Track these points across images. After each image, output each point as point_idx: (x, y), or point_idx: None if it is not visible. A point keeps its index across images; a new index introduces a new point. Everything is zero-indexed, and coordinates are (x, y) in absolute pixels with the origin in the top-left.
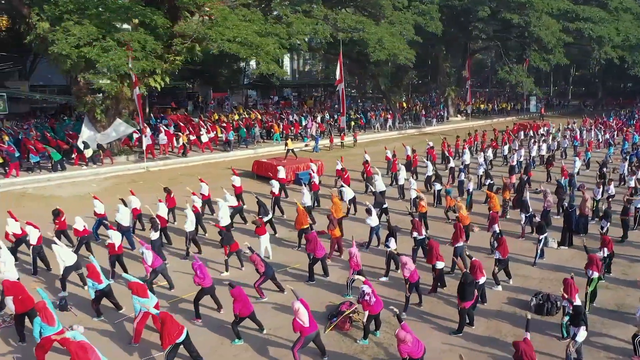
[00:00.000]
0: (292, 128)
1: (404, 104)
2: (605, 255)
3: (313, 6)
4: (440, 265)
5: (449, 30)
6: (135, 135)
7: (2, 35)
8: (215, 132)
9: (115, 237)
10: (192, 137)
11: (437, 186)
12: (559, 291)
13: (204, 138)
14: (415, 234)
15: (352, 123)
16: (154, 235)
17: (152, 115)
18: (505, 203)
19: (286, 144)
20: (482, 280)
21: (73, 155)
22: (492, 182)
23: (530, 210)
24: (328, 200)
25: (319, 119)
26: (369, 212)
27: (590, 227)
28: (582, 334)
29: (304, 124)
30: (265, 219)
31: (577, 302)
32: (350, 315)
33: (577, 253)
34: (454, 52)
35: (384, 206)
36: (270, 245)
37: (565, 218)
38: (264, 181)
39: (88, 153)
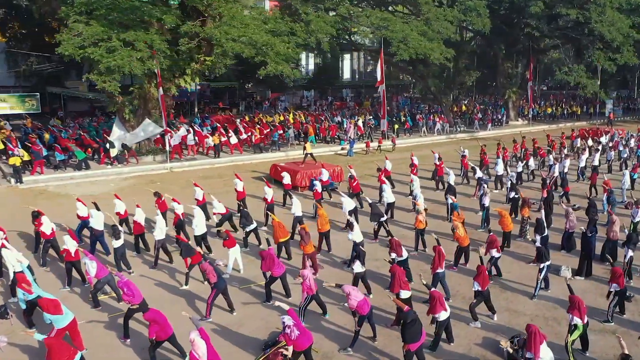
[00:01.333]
0: (329, 130)
1: (464, 107)
2: (615, 290)
3: (340, 4)
4: (405, 294)
5: (506, 29)
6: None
7: None
8: (249, 134)
9: (70, 244)
10: (224, 139)
11: (450, 199)
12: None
13: (233, 140)
14: (393, 255)
15: (396, 126)
16: (116, 243)
17: (198, 115)
18: (524, 221)
19: (304, 148)
20: (442, 316)
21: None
22: (517, 195)
23: (546, 231)
24: (333, 209)
25: (359, 121)
26: (350, 226)
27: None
28: None
29: (344, 126)
30: (248, 228)
31: (544, 354)
32: (286, 347)
33: (593, 285)
34: (519, 51)
35: (382, 219)
36: (241, 257)
37: (583, 244)
38: (281, 186)
39: (113, 152)
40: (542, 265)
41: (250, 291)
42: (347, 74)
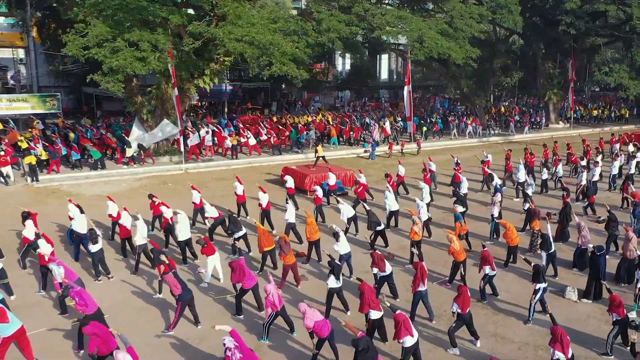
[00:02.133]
0: (353, 132)
1: (502, 108)
2: (615, 320)
3: (356, 2)
4: (375, 314)
5: (544, 27)
6: (196, 136)
7: None
8: (269, 135)
9: (45, 247)
10: (243, 140)
11: (459, 208)
12: None
13: (252, 141)
14: (375, 269)
15: (424, 128)
16: (94, 248)
17: (225, 115)
18: (534, 235)
19: (316, 151)
20: (408, 342)
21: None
22: (531, 205)
23: (553, 247)
24: (334, 215)
25: (387, 123)
26: (336, 236)
27: None
28: None
29: (371, 128)
30: (237, 235)
31: None
32: None
33: (600, 311)
34: (565, 51)
35: (379, 228)
36: (220, 266)
37: (591, 263)
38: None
39: (129, 152)
40: (537, 287)
41: (224, 303)
42: (384, 75)
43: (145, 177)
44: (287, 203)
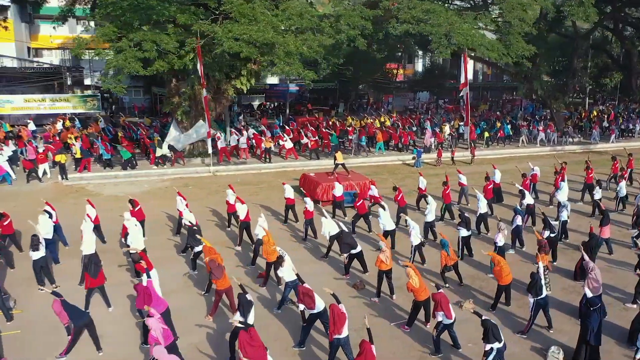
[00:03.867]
0: (402, 137)
1: (594, 112)
2: None
3: None
4: None
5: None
6: (234, 138)
7: None
8: (316, 138)
9: None
10: (282, 142)
11: (462, 232)
12: None
13: (288, 144)
14: (301, 306)
15: (486, 134)
16: (34, 255)
17: (281, 116)
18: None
19: (335, 157)
20: None
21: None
22: (553, 234)
23: (544, 292)
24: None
25: (446, 128)
26: (280, 260)
27: None
28: None
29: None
30: (197, 249)
31: None
32: None
33: None
34: None
35: (354, 251)
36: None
37: (582, 321)
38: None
39: (158, 152)
40: (487, 347)
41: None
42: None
43: (170, 179)
44: (260, 216)
